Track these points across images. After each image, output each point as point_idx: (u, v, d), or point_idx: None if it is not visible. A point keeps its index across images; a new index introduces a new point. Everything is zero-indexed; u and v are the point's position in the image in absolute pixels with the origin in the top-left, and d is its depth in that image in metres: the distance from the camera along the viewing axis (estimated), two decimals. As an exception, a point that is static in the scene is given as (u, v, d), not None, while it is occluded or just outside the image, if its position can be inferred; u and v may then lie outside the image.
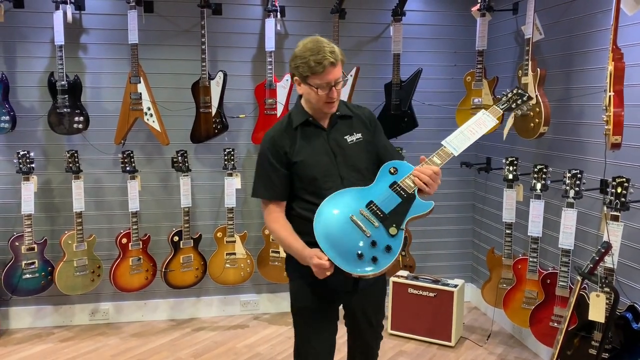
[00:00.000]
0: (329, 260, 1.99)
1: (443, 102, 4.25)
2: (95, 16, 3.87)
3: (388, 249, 2.01)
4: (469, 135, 2.12)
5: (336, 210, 2.06)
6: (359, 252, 2.00)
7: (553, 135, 3.47)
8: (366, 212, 2.05)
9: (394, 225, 2.03)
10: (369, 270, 1.98)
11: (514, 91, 2.34)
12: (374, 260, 1.99)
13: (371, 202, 2.07)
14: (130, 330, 4.02)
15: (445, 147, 2.11)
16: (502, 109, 2.26)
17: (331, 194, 2.10)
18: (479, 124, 2.16)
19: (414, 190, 2.06)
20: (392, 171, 2.13)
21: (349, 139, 2.22)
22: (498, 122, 2.25)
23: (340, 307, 2.39)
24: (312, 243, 2.07)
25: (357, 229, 2.03)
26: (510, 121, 3.24)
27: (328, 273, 2.01)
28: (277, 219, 2.21)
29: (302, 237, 2.14)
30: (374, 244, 2.01)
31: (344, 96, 3.96)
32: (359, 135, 2.24)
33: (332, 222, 2.04)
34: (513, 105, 2.32)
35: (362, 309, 2.37)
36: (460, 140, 2.11)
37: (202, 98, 3.85)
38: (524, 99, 2.33)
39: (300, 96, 2.23)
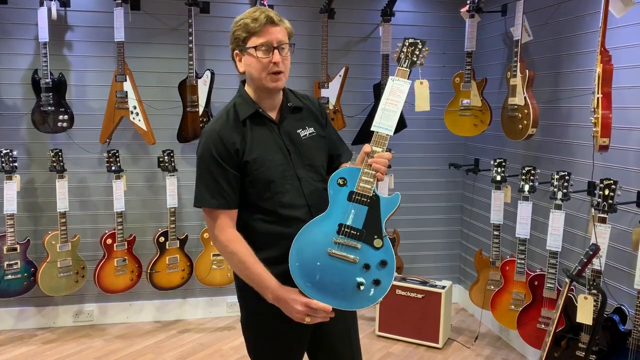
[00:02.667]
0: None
1: (432, 103, 4.23)
2: (80, 13, 3.81)
3: (383, 264, 1.78)
4: (392, 108, 1.93)
5: (308, 253, 1.79)
6: (357, 282, 1.77)
7: (541, 137, 3.48)
8: (340, 238, 1.79)
9: (376, 237, 1.80)
10: (378, 296, 1.77)
11: (406, 44, 2.01)
12: (377, 282, 1.77)
13: (340, 225, 1.81)
14: (114, 332, 3.96)
15: (377, 131, 1.89)
16: (406, 67, 1.98)
17: (289, 197, 1.86)
18: (395, 93, 1.97)
19: (374, 192, 1.84)
20: (341, 182, 1.86)
21: (302, 133, 1.94)
22: (409, 82, 2.00)
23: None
24: (273, 258, 1.84)
25: (341, 261, 1.78)
26: (421, 90, 2.67)
27: (310, 319, 1.75)
28: (234, 239, 1.83)
29: (260, 253, 1.83)
30: (366, 267, 1.78)
31: (333, 95, 3.95)
32: (311, 130, 1.98)
33: (312, 267, 1.78)
34: (414, 58, 2.01)
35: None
36: (387, 117, 1.91)
37: (189, 97, 3.81)
38: (419, 45, 2.00)
39: (244, 83, 1.95)
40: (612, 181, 2.64)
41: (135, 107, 3.74)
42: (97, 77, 3.87)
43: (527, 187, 3.22)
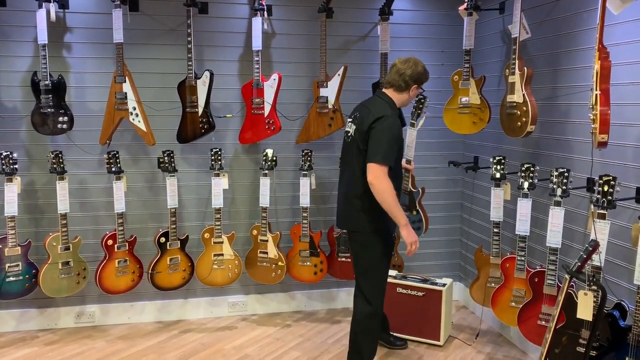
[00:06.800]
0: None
1: (431, 102, 4.25)
2: (79, 15, 3.82)
3: (419, 220, 3.94)
4: (411, 144, 3.84)
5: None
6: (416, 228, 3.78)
7: (540, 134, 3.49)
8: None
9: (413, 210, 3.93)
10: (420, 232, 3.93)
11: (415, 103, 3.83)
12: (419, 227, 3.91)
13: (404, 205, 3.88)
14: (116, 333, 3.97)
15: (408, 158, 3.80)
16: (416, 123, 3.86)
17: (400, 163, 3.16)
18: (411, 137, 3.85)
19: (409, 188, 3.90)
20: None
21: None
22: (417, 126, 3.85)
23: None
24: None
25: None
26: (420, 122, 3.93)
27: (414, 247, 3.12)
28: (390, 182, 2.90)
29: None
30: (413, 222, 3.83)
31: (332, 94, 3.95)
32: None
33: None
34: (419, 112, 3.84)
35: None
36: (410, 149, 3.83)
37: (188, 97, 3.81)
38: (422, 100, 3.81)
39: (385, 94, 3.08)
40: (611, 177, 2.65)
41: (134, 108, 3.75)
42: (97, 79, 3.87)
43: (526, 184, 3.23)
